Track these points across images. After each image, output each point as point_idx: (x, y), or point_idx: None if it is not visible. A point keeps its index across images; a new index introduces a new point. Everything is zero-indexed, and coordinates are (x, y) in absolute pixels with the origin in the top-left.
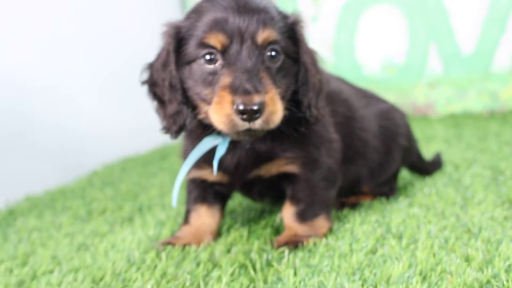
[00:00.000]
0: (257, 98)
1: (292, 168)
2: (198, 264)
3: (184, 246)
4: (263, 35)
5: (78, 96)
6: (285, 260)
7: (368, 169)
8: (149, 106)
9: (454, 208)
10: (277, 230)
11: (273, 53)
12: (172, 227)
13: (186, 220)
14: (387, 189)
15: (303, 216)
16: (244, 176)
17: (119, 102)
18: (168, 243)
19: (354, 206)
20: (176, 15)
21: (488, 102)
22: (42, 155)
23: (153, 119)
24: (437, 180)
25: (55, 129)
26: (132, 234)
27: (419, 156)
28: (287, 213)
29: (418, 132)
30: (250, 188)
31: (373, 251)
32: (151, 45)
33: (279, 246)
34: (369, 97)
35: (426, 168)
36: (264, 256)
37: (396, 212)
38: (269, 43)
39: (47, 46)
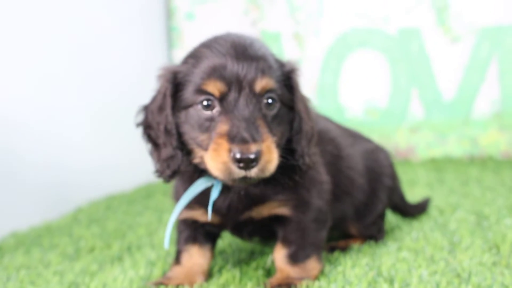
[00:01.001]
0: (254, 148)
1: (283, 210)
2: None
3: (177, 286)
4: (261, 84)
5: (64, 132)
6: None
7: (354, 208)
8: (134, 143)
9: (443, 252)
10: (269, 272)
11: (270, 100)
12: (163, 267)
13: (177, 260)
14: (375, 231)
15: (294, 258)
16: (235, 217)
17: (105, 139)
18: (160, 283)
19: (344, 249)
20: (162, 52)
21: (468, 147)
22: (27, 190)
23: (137, 156)
24: (424, 224)
25: (40, 164)
26: (123, 274)
27: (401, 197)
28: (279, 255)
29: (401, 175)
30: (241, 229)
31: None
32: (137, 84)
33: None
34: (355, 136)
35: (408, 210)
36: None
37: (386, 256)
38: (266, 91)
39: (33, 80)
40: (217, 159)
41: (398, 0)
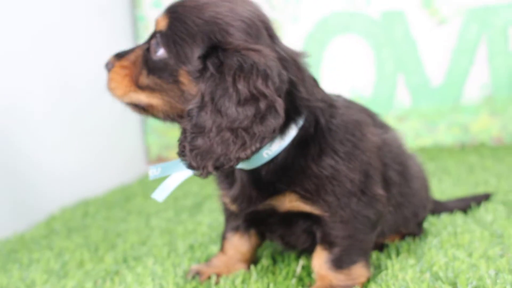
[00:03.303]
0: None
1: (307, 208)
2: None
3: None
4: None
5: (26, 137)
6: None
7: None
8: (101, 143)
9: (495, 248)
10: (300, 279)
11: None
12: (174, 281)
13: (221, 248)
14: (416, 228)
15: (338, 264)
16: (251, 206)
17: (73, 142)
18: (198, 271)
19: (381, 248)
20: (128, 43)
21: (458, 134)
22: None
23: (108, 157)
24: (453, 216)
25: (2, 170)
26: None
27: None
28: (319, 260)
29: None
30: (267, 224)
31: None
32: (101, 79)
33: None
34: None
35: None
36: None
37: (431, 254)
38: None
39: (8, 68)
40: None
41: None
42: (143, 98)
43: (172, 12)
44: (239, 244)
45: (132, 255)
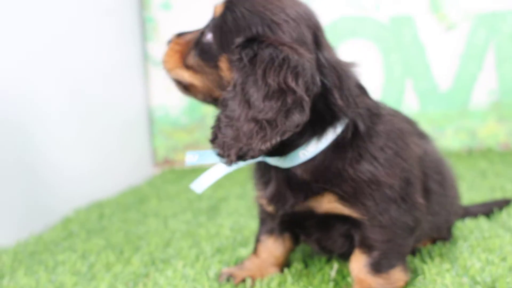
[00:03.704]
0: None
1: (344, 210)
2: None
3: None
4: None
5: (40, 135)
6: None
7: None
8: (113, 147)
9: None
10: (336, 283)
11: None
12: (209, 284)
13: (254, 250)
14: (446, 233)
15: (377, 268)
16: (288, 207)
17: (84, 143)
18: (231, 274)
19: (414, 252)
20: (136, 45)
21: (466, 140)
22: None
23: (117, 158)
24: (477, 220)
25: (16, 171)
26: None
27: None
28: (358, 263)
29: None
30: (305, 226)
31: None
32: (110, 80)
33: None
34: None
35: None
36: None
37: (464, 258)
38: None
39: (21, 70)
40: None
41: None
42: (186, 76)
43: (228, 2)
44: (273, 247)
45: (159, 257)
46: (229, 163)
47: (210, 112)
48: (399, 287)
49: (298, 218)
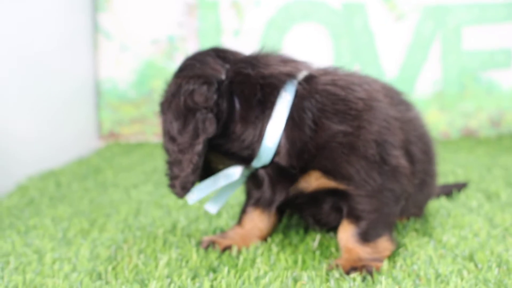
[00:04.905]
0: None
1: (332, 183)
2: None
3: (224, 249)
4: None
5: None
6: None
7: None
8: (58, 117)
9: (494, 230)
10: (321, 252)
11: None
12: (196, 251)
13: (239, 221)
14: (419, 209)
15: (365, 237)
16: (283, 191)
17: (29, 108)
18: (214, 241)
19: None
20: (86, 16)
21: None
22: None
23: (61, 131)
24: (441, 201)
25: None
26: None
27: None
28: (346, 233)
29: None
30: (298, 206)
31: None
32: (59, 52)
33: (347, 272)
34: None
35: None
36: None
37: (439, 233)
38: None
39: None
40: None
41: None
42: None
43: None
44: (259, 220)
45: (135, 225)
46: (179, 196)
47: (158, 87)
48: (385, 256)
49: (290, 199)
